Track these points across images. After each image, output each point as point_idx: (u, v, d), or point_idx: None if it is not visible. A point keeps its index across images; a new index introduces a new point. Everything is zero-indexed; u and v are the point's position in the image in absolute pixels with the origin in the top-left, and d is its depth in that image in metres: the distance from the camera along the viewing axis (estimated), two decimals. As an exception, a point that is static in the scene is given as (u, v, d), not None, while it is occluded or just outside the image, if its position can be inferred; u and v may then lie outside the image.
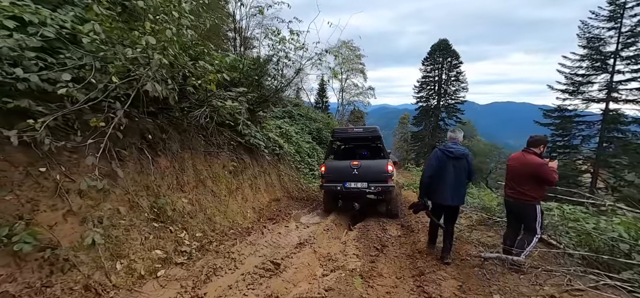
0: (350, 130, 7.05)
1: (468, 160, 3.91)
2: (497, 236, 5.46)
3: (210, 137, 5.42)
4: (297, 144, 12.93)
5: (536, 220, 3.78)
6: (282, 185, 7.49)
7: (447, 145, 3.97)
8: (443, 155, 3.89)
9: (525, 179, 3.69)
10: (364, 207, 6.85)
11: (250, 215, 5.39)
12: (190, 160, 4.60)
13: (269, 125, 10.05)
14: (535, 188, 3.66)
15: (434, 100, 39.33)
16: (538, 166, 3.61)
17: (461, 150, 3.88)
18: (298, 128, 17.78)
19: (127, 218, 3.14)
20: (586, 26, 17.98)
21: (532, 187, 3.66)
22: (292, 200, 7.64)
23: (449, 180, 3.83)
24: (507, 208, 4.08)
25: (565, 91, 18.42)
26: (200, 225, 4.08)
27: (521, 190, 3.71)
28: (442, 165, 3.86)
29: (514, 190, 3.80)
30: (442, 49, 38.28)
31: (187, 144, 4.65)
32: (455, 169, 3.84)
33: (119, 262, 2.81)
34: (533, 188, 3.66)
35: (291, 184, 8.54)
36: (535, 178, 3.64)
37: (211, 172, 4.97)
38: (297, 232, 5.54)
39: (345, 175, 6.15)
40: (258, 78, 6.90)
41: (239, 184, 5.63)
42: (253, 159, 6.43)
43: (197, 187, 4.46)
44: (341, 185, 6.15)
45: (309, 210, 7.36)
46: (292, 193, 7.98)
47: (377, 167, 6.18)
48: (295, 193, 8.35)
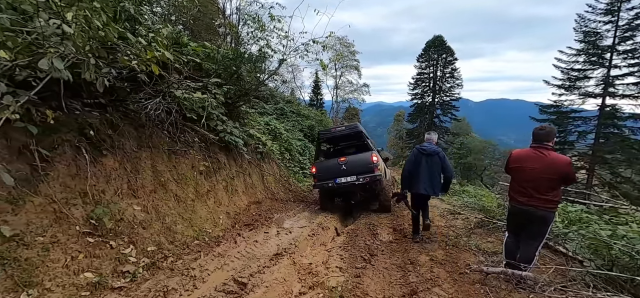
0: (334, 130, 7.29)
1: (440, 157, 4.54)
2: (498, 242, 4.88)
3: (179, 133, 4.77)
4: (287, 142, 12.30)
5: (549, 227, 3.20)
6: (266, 186, 6.86)
7: (423, 144, 4.66)
8: (418, 153, 4.59)
9: (550, 183, 2.99)
10: (358, 203, 7.30)
11: (223, 222, 4.74)
12: (149, 160, 3.94)
13: (256, 121, 9.39)
14: (558, 192, 3.05)
15: (429, 97, 38.82)
16: (567, 166, 2.96)
17: (433, 148, 4.57)
18: (289, 125, 17.15)
19: (48, 234, 2.49)
20: (583, 20, 17.46)
21: (557, 192, 3.03)
22: (277, 202, 7.00)
23: (422, 173, 4.51)
24: (516, 218, 3.38)
25: (561, 86, 17.91)
26: (155, 236, 3.44)
27: (544, 197, 3.02)
28: (417, 161, 4.56)
29: (531, 197, 3.09)
30: (437, 46, 37.72)
31: (146, 141, 3.99)
32: (428, 164, 4.51)
33: (25, 293, 2.17)
34: (557, 193, 3.03)
35: (277, 184, 7.90)
36: (563, 181, 3.00)
37: (176, 173, 4.32)
38: (276, 239, 4.92)
39: (335, 171, 6.45)
40: (236, 69, 6.24)
41: (212, 186, 4.98)
42: (231, 158, 5.78)
43: (156, 191, 3.81)
44: (332, 181, 6.42)
45: (296, 213, 6.73)
46: (277, 194, 7.34)
47: (362, 160, 6.49)
48: (281, 194, 7.72)
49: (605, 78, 16.95)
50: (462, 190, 12.26)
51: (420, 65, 38.97)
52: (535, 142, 3.19)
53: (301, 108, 21.27)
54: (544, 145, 3.12)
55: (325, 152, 8.33)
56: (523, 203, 3.16)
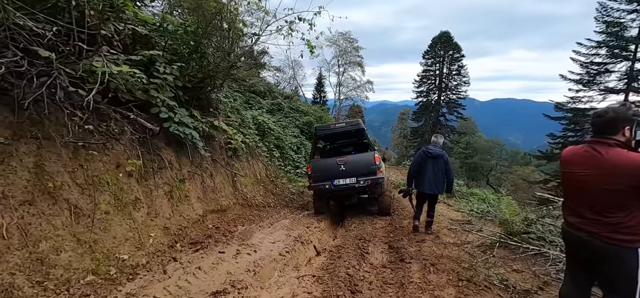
0: (333, 126, 6.66)
1: (444, 160, 4.83)
2: (529, 273, 3.54)
3: (100, 121, 3.52)
4: (278, 138, 11.04)
5: (637, 282, 1.83)
6: (237, 190, 5.58)
7: (429, 147, 4.95)
8: (424, 155, 4.90)
9: (615, 197, 1.75)
10: (354, 206, 6.84)
11: (155, 241, 3.46)
12: (31, 157, 2.70)
13: (237, 113, 8.13)
14: (634, 213, 1.73)
15: (435, 95, 37.16)
16: None
17: (438, 151, 4.85)
18: (287, 121, 15.92)
19: None
20: (604, 9, 15.75)
21: (629, 213, 1.73)
22: (250, 209, 5.71)
23: (428, 174, 4.81)
24: (571, 249, 2.08)
25: (579, 81, 16.21)
26: (7, 276, 2.19)
27: (605, 219, 1.77)
28: (423, 162, 4.86)
29: (584, 217, 1.88)
30: (444, 42, 36.03)
31: (27, 129, 2.75)
32: (433, 166, 4.81)
33: None
34: (630, 213, 1.73)
35: (256, 187, 6.62)
36: (635, 192, 1.69)
37: (84, 175, 3.06)
38: (231, 264, 3.62)
39: (333, 172, 5.92)
40: (196, 45, 4.96)
41: (146, 193, 3.71)
42: (183, 156, 4.50)
43: (33, 202, 2.56)
44: (330, 183, 5.91)
45: (273, 222, 5.43)
46: (253, 199, 6.05)
47: (364, 161, 5.98)
48: (259, 198, 6.43)
49: (629, 72, 15.24)
50: (469, 192, 10.84)
51: (426, 62, 37.34)
52: (593, 135, 1.94)
53: (300, 103, 20.03)
54: (605, 139, 1.85)
55: (322, 150, 7.64)
56: (574, 226, 1.97)
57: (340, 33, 31.45)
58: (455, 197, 10.29)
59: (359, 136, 6.79)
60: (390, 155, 41.13)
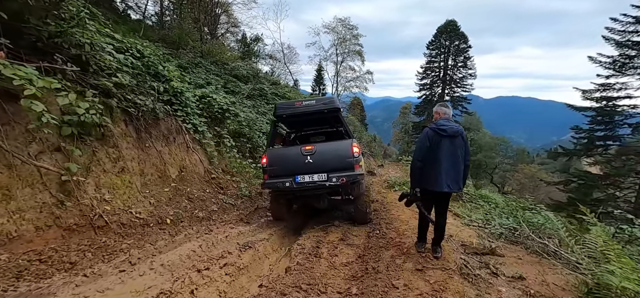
0: (299, 104, 4.81)
1: (463, 138, 3.13)
2: None
3: None
4: (242, 124, 8.67)
5: None
6: (74, 199, 3.17)
7: (439, 122, 3.13)
8: (436, 134, 3.07)
9: None
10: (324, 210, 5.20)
11: None
12: None
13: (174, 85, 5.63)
14: None
15: (439, 88, 34.27)
16: None
17: (455, 127, 3.10)
18: (269, 108, 13.63)
19: None
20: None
21: None
22: (103, 233, 3.29)
23: (444, 163, 3.03)
24: None
25: (612, 64, 13.33)
26: None
27: None
28: (434, 147, 3.06)
29: None
30: (449, 31, 33.01)
31: None
32: (451, 150, 3.05)
33: None
34: None
35: (155, 190, 4.24)
36: None
37: None
38: None
39: (296, 165, 4.35)
40: None
41: None
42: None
43: None
44: (291, 180, 4.31)
45: (149, 254, 3.04)
46: (122, 212, 3.64)
47: (338, 151, 4.40)
48: (147, 208, 4.00)
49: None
50: (478, 194, 8.30)
51: (430, 54, 34.41)
52: None
53: (286, 90, 17.66)
54: None
55: (284, 137, 5.97)
56: None
57: (339, 19, 28.89)
58: (462, 200, 7.78)
59: (334, 119, 5.13)
60: (392, 152, 38.59)
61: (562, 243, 3.99)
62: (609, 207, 13.37)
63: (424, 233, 3.37)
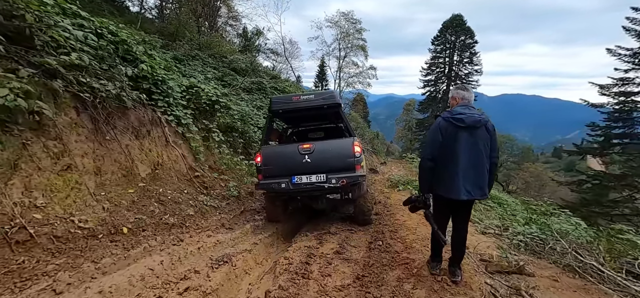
0: (296, 99, 4.35)
1: (488, 130, 2.33)
2: None
3: None
4: (232, 117, 8.02)
5: None
6: None
7: (454, 110, 2.42)
8: (451, 125, 2.34)
9: None
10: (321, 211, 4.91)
11: None
12: None
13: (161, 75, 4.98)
14: None
15: (443, 84, 33.34)
16: None
17: (476, 115, 2.33)
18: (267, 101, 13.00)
19: None
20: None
21: None
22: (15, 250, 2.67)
23: (462, 161, 2.30)
24: None
25: (633, 57, 12.42)
26: None
27: None
28: (449, 141, 2.34)
29: None
30: (455, 26, 32.01)
31: None
32: (470, 144, 2.30)
33: None
34: None
35: (112, 191, 3.61)
36: None
37: None
38: None
39: (293, 165, 4.01)
40: None
41: None
42: None
43: None
44: (287, 181, 3.97)
45: (86, 277, 2.39)
46: (57, 222, 3.03)
47: (338, 150, 4.06)
48: (98, 216, 3.39)
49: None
50: (498, 202, 7.54)
51: (435, 49, 33.45)
52: None
53: (287, 85, 16.98)
54: None
55: (280, 133, 5.56)
56: None
57: (342, 13, 28.01)
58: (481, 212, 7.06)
59: (335, 116, 4.74)
60: (395, 149, 37.78)
61: (605, 258, 3.29)
62: (626, 209, 12.54)
63: (439, 250, 2.70)
